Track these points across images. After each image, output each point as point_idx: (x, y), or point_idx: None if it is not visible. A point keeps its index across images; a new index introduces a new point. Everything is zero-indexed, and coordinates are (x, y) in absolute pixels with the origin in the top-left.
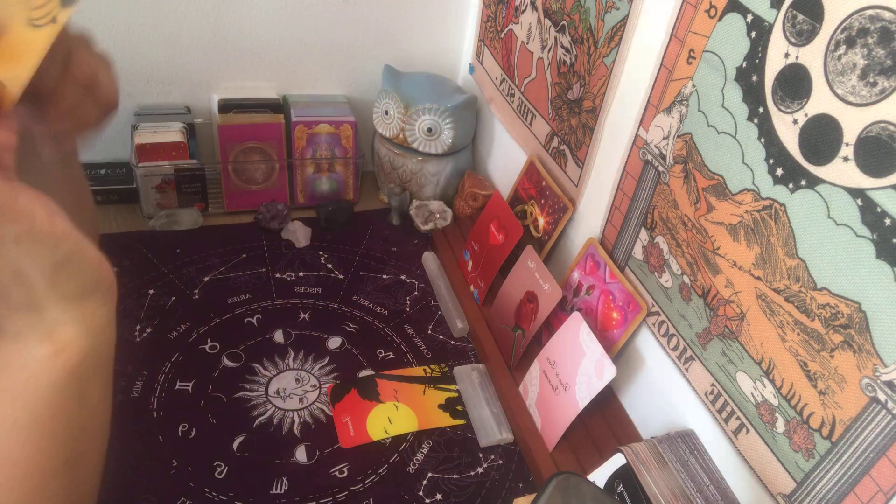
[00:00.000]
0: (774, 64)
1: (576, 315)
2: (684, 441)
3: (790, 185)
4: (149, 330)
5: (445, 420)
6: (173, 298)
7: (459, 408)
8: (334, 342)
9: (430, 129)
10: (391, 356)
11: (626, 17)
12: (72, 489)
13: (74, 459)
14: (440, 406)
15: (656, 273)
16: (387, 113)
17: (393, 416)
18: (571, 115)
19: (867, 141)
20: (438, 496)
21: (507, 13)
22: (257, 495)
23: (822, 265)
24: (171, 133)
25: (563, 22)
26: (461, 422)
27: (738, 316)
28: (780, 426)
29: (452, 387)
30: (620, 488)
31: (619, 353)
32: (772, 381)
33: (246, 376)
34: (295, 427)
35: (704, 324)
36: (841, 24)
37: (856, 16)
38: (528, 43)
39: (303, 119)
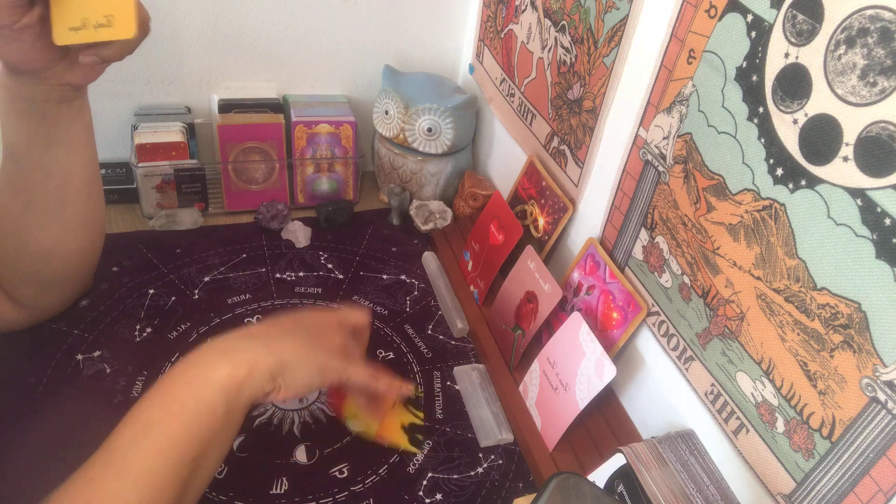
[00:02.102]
0: (774, 64)
1: (576, 315)
2: (684, 441)
3: (790, 185)
4: (149, 330)
5: (402, 441)
6: (173, 298)
7: (420, 436)
8: None
9: (430, 129)
10: (391, 356)
11: (626, 17)
12: None
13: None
14: (403, 427)
15: (656, 273)
16: (387, 113)
17: (360, 412)
18: (571, 115)
19: (867, 141)
20: (438, 496)
21: (507, 13)
22: (257, 495)
23: (822, 265)
24: (171, 133)
25: (563, 22)
26: (415, 451)
27: (738, 316)
28: (780, 426)
29: (420, 414)
30: (620, 488)
31: (619, 353)
32: (772, 381)
33: None
34: (295, 427)
35: (704, 324)
36: (841, 23)
37: (856, 16)
38: (528, 43)
39: (303, 119)
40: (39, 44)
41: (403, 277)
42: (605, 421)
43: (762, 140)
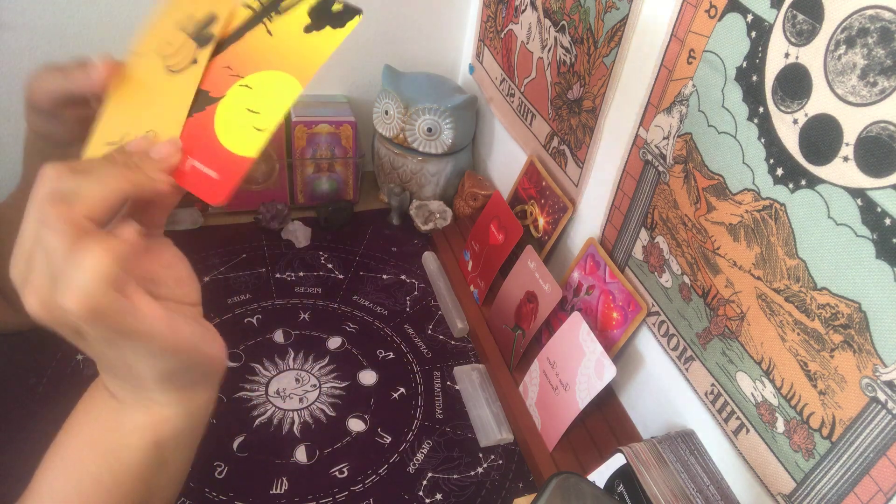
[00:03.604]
0: (774, 64)
1: (576, 315)
2: (684, 441)
3: (790, 185)
4: None
5: (324, 43)
6: None
7: (339, 7)
8: (334, 342)
9: (430, 129)
10: (391, 356)
11: (625, 17)
12: None
13: None
14: (307, 28)
15: (656, 273)
16: (387, 113)
17: (252, 101)
18: (571, 115)
19: (867, 141)
20: (438, 496)
21: (507, 13)
22: (257, 495)
23: (822, 265)
24: None
25: (563, 22)
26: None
27: (738, 316)
28: (780, 426)
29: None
30: (620, 488)
31: (619, 353)
32: (772, 381)
33: (246, 376)
34: (295, 427)
35: (704, 324)
36: (841, 23)
37: (856, 16)
38: (528, 43)
39: (303, 119)
40: (76, 123)
41: (403, 277)
42: (605, 421)
43: (762, 140)
